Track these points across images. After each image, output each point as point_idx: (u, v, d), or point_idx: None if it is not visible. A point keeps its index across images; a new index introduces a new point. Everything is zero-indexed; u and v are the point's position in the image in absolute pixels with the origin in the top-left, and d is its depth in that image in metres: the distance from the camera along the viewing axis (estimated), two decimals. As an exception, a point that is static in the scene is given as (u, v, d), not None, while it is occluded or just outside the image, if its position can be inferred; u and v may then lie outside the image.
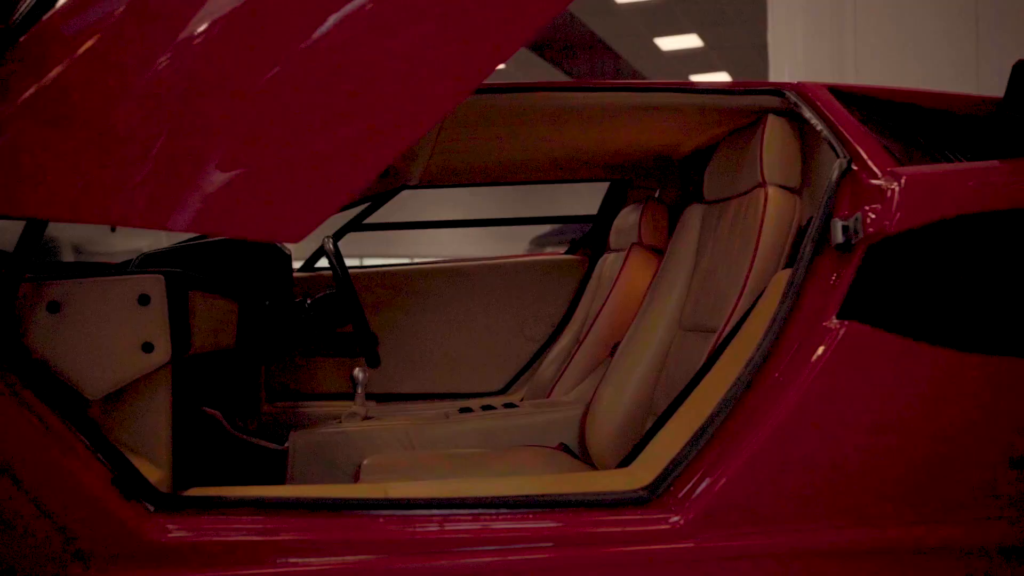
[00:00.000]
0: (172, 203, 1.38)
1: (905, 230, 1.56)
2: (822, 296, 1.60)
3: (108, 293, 1.60)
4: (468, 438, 2.42)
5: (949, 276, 1.57)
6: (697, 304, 2.17)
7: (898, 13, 4.49)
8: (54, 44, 1.42)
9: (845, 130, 1.79)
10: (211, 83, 1.40)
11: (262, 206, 1.41)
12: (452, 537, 1.50)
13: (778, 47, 4.99)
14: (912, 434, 1.55)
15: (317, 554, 1.48)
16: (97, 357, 1.58)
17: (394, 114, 1.42)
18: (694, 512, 1.52)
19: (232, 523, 1.49)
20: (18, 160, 1.40)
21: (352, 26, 1.39)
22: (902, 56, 4.43)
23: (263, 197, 1.41)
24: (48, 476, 1.41)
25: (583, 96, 2.09)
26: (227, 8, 1.41)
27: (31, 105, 1.40)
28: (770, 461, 1.53)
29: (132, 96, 1.39)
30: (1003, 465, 1.54)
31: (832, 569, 1.53)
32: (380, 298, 3.14)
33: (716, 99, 2.07)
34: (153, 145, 1.38)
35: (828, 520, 1.53)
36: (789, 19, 4.89)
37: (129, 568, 1.42)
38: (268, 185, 1.40)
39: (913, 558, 1.55)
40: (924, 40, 4.40)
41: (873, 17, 4.52)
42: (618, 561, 1.51)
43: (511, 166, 2.93)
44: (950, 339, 1.54)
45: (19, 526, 1.39)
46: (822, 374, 1.53)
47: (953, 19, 4.38)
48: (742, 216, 2.05)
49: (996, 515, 1.56)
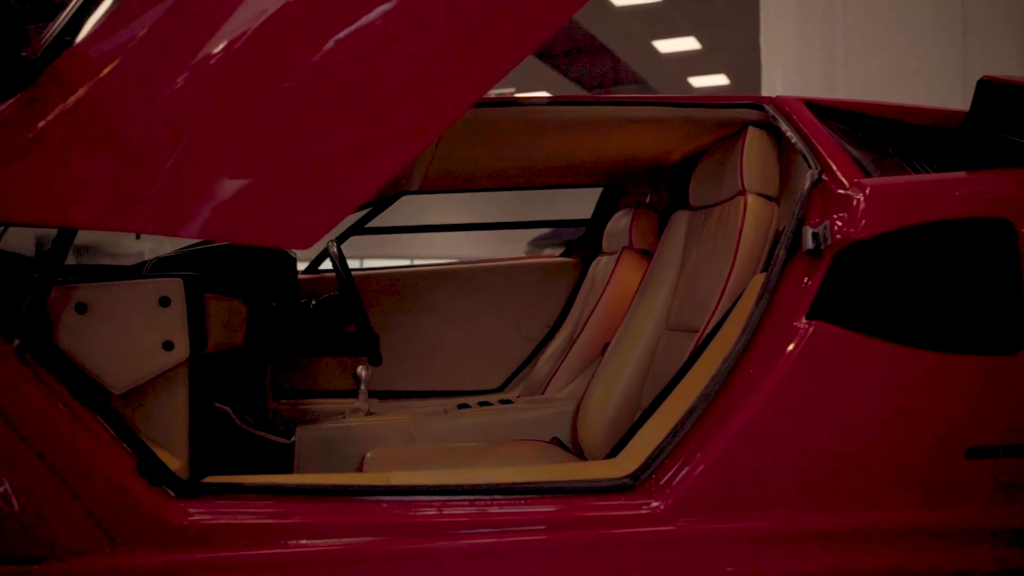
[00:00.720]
0: (188, 212, 1.49)
1: (869, 237, 1.68)
2: (794, 298, 1.72)
3: (131, 295, 1.72)
4: (466, 432, 2.54)
5: (910, 280, 1.69)
6: (682, 305, 2.29)
7: (886, 19, 4.60)
8: (82, 66, 1.53)
9: (817, 143, 1.91)
10: (223, 99, 1.50)
11: (273, 214, 1.52)
12: (450, 521, 1.62)
13: (771, 51, 5.10)
14: (874, 426, 1.67)
15: (324, 536, 1.60)
16: (121, 354, 1.70)
17: (400, 125, 1.53)
18: (673, 498, 1.64)
19: (246, 507, 1.61)
20: (49, 173, 1.51)
21: (359, 40, 1.50)
22: (890, 60, 4.54)
23: (273, 205, 1.52)
24: (79, 464, 1.53)
25: (576, 109, 2.20)
26: (240, 31, 1.52)
27: (60, 122, 1.51)
28: (743, 451, 1.65)
29: (151, 113, 1.50)
30: (959, 454, 1.67)
31: (799, 551, 1.65)
32: (381, 299, 3.25)
33: (700, 112, 2.18)
34: (168, 158, 1.49)
35: (796, 506, 1.65)
36: (781, 25, 5.00)
37: (153, 548, 1.54)
38: (278, 194, 1.51)
39: (874, 540, 1.67)
40: (912, 45, 4.51)
41: (862, 24, 4.63)
42: (604, 543, 1.63)
43: (508, 173, 3.04)
44: (909, 338, 1.66)
45: (53, 510, 1.52)
46: (792, 370, 1.65)
47: (940, 26, 4.50)
48: (724, 222, 2.17)
49: (952, 501, 1.68)
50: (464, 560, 1.60)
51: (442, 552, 1.60)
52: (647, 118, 2.24)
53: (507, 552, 1.61)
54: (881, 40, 4.59)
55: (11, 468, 1.49)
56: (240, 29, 1.52)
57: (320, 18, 1.51)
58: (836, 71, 4.71)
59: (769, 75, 5.09)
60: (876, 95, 4.29)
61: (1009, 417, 1.67)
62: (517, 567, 1.61)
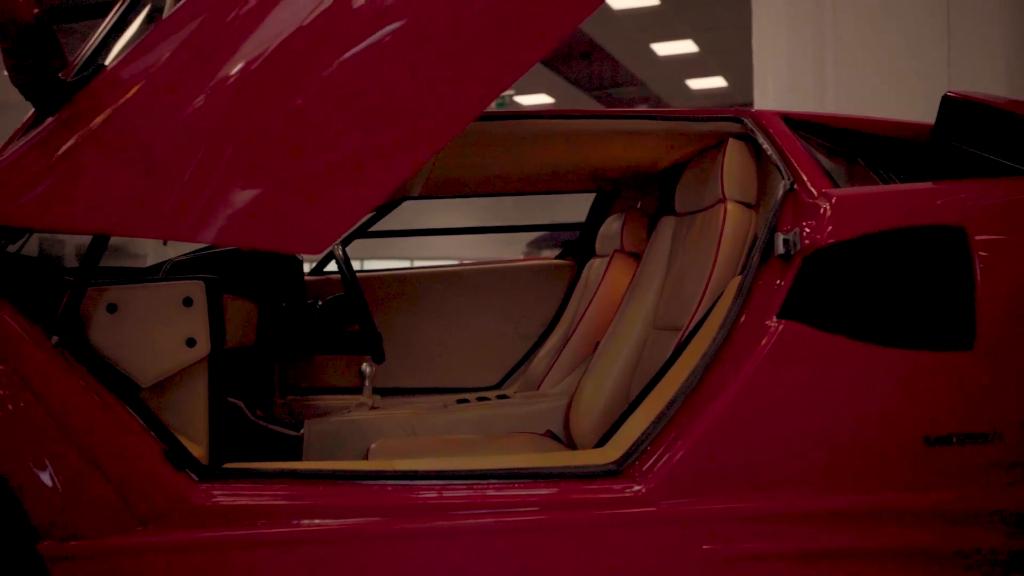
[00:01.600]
0: (206, 219, 1.63)
1: (834, 243, 1.83)
2: (766, 299, 1.87)
3: (158, 296, 1.87)
4: (465, 425, 2.68)
5: (872, 282, 1.84)
6: (668, 305, 2.44)
7: (874, 24, 4.73)
8: (112, 87, 1.67)
9: (791, 155, 2.06)
10: (238, 116, 1.63)
11: (286, 221, 1.66)
12: (450, 503, 1.76)
13: (762, 56, 5.23)
14: (839, 416, 1.81)
15: (334, 516, 1.74)
16: (148, 350, 1.84)
17: (405, 137, 1.66)
18: (655, 482, 1.79)
19: (263, 490, 1.75)
20: (82, 185, 1.65)
21: (367, 57, 1.62)
22: (878, 64, 4.67)
23: (287, 213, 1.65)
24: (111, 450, 1.68)
25: (567, 123, 2.34)
26: (256, 52, 1.65)
27: (92, 138, 1.64)
28: (718, 439, 1.80)
29: (172, 129, 1.63)
30: (917, 442, 1.81)
31: (770, 530, 1.79)
32: (385, 300, 3.37)
33: (684, 125, 2.32)
34: (188, 170, 1.63)
35: (767, 489, 1.80)
36: (772, 30, 5.13)
37: (180, 527, 1.69)
38: (291, 202, 1.65)
39: (840, 520, 1.81)
40: (899, 48, 4.65)
41: (850, 30, 4.76)
42: (591, 523, 1.78)
43: (505, 180, 3.18)
44: (871, 336, 1.81)
45: (88, 492, 1.66)
46: (763, 365, 1.80)
47: (926, 30, 4.63)
48: (706, 228, 2.32)
49: (912, 485, 1.82)
50: (462, 538, 1.75)
51: (442, 531, 1.75)
52: (635, 130, 2.38)
53: (502, 531, 1.76)
54: (869, 44, 4.72)
55: (51, 454, 1.64)
56: (256, 51, 1.65)
57: (331, 38, 1.64)
58: (826, 75, 4.84)
59: (761, 79, 5.22)
60: (864, 98, 4.45)
61: (963, 407, 1.82)
62: (511, 545, 1.75)
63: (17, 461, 1.63)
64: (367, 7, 1.67)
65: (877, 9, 4.73)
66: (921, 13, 4.61)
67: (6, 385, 1.64)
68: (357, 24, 1.66)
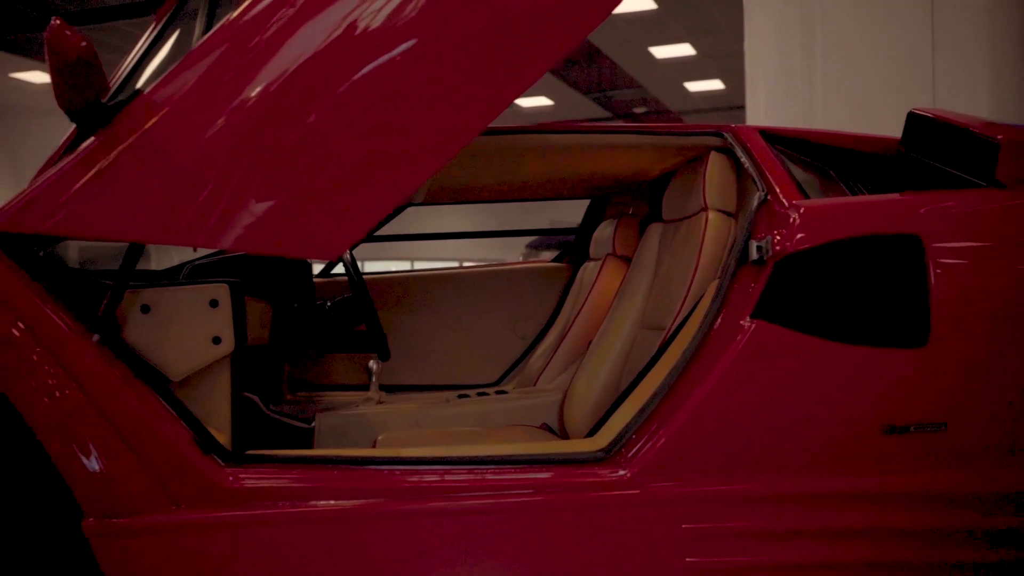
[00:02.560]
0: (229, 227, 1.80)
1: (803, 249, 2.00)
2: (741, 301, 2.04)
3: (187, 298, 2.04)
4: (466, 419, 2.86)
5: (837, 285, 2.01)
6: (655, 306, 2.61)
7: (861, 30, 4.90)
8: (146, 109, 1.84)
9: (766, 168, 2.23)
10: (259, 132, 1.79)
11: (303, 229, 1.83)
12: (451, 486, 1.94)
13: (754, 61, 5.39)
14: (805, 407, 1.99)
15: (346, 498, 1.92)
16: (178, 347, 2.02)
17: (415, 150, 1.82)
18: (639, 467, 1.97)
19: (282, 474, 1.93)
20: (118, 197, 1.81)
21: (381, 74, 1.78)
22: (865, 68, 4.83)
23: (304, 222, 1.82)
24: (147, 437, 1.85)
25: (564, 137, 2.50)
26: (276, 73, 1.82)
27: (127, 155, 1.81)
28: (696, 428, 1.98)
29: (198, 146, 1.79)
30: (876, 431, 1.99)
31: (741, 511, 1.97)
32: (390, 301, 3.54)
33: (669, 139, 2.50)
34: (212, 182, 1.79)
35: (740, 473, 1.97)
36: (763, 35, 5.29)
37: (207, 507, 1.87)
38: (308, 212, 1.82)
39: (805, 503, 1.99)
40: (885, 54, 4.82)
41: (838, 36, 4.93)
42: (580, 503, 1.95)
43: (503, 187, 3.35)
44: (835, 334, 1.98)
45: (126, 474, 1.84)
46: (737, 361, 1.98)
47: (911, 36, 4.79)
48: (689, 234, 2.50)
49: (871, 471, 2.00)
50: (463, 517, 1.92)
51: (444, 511, 1.92)
52: (626, 144, 2.56)
53: (500, 511, 1.93)
54: (857, 49, 4.88)
55: (93, 439, 1.82)
56: (274, 74, 1.81)
57: (343, 59, 1.79)
58: (815, 79, 5.01)
59: (752, 83, 5.38)
60: (852, 101, 4.61)
61: (918, 399, 1.99)
62: (508, 523, 1.93)
63: (63, 446, 1.81)
64: (378, 30, 1.81)
65: (864, 17, 4.90)
66: (906, 18, 4.78)
67: (53, 376, 1.82)
68: (368, 45, 1.80)
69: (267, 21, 1.84)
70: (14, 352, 1.82)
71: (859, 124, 4.64)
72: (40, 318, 1.85)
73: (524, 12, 1.84)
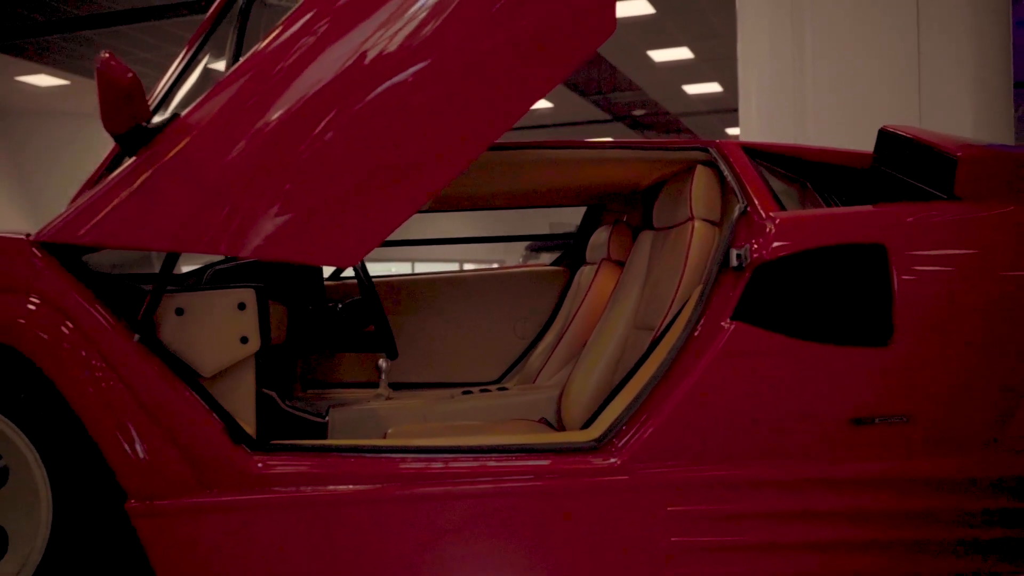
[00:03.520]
0: (252, 236, 2.00)
1: (778, 257, 2.20)
2: (722, 304, 2.24)
3: (217, 301, 2.23)
4: (469, 414, 3.04)
5: (809, 290, 2.21)
6: (646, 308, 2.80)
7: (848, 37, 5.08)
8: (181, 131, 2.03)
9: (746, 181, 2.43)
10: (281, 150, 1.98)
11: (323, 238, 2.02)
12: (456, 472, 2.14)
13: (746, 66, 5.56)
14: (780, 400, 2.18)
15: (359, 483, 2.11)
16: (209, 346, 2.21)
17: (429, 162, 1.99)
18: (628, 455, 2.16)
19: (303, 461, 2.12)
20: (152, 209, 2.01)
21: (394, 94, 1.96)
22: (852, 73, 5.01)
23: (323, 231, 2.01)
24: (183, 427, 2.05)
25: (560, 152, 2.69)
26: (296, 97, 2.00)
27: (161, 172, 2.01)
28: (680, 420, 2.17)
29: (224, 163, 1.98)
30: (845, 422, 2.18)
31: (721, 494, 2.16)
32: (397, 303, 3.70)
33: (660, 154, 2.69)
34: (235, 196, 1.97)
35: (720, 460, 2.17)
36: (755, 40, 5.46)
37: (237, 490, 2.07)
38: (327, 223, 2.00)
39: (779, 487, 2.18)
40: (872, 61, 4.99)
41: (826, 42, 5.10)
42: (575, 488, 2.15)
43: (503, 195, 3.52)
44: (808, 333, 2.17)
45: (165, 460, 2.04)
46: (718, 359, 2.17)
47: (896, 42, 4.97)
48: (677, 242, 2.69)
49: (840, 458, 2.19)
50: (467, 501, 2.12)
51: (450, 495, 2.12)
52: (617, 158, 2.75)
53: (501, 495, 2.13)
54: (846, 55, 5.06)
55: (136, 428, 2.02)
56: (295, 97, 2.00)
57: (360, 83, 1.98)
58: (806, 85, 5.18)
59: (745, 88, 5.55)
60: (840, 105, 4.78)
61: (882, 393, 2.19)
62: (508, 506, 2.13)
63: (109, 434, 2.01)
64: (393, 53, 1.99)
65: (853, 24, 5.07)
66: (893, 26, 4.95)
67: (100, 370, 2.02)
68: (383, 66, 1.98)
69: (289, 50, 2.03)
70: (64, 348, 2.02)
71: (848, 128, 4.84)
72: (86, 318, 2.05)
73: (529, 35, 2.02)
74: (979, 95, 4.85)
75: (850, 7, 5.08)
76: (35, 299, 2.06)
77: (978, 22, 4.88)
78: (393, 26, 2.02)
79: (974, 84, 4.84)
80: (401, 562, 2.10)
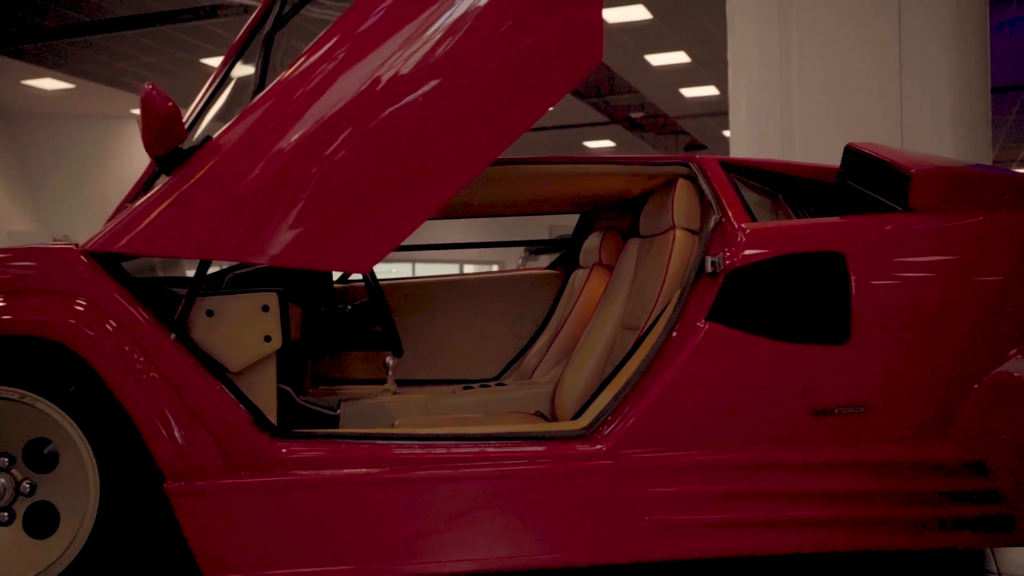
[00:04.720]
0: (273, 245, 2.23)
1: (748, 264, 2.44)
2: (698, 306, 2.48)
3: (244, 304, 2.46)
4: (470, 407, 3.27)
5: (776, 293, 2.45)
6: (632, 310, 3.04)
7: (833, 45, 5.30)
8: (212, 151, 2.27)
9: (722, 194, 2.67)
10: (299, 166, 2.20)
11: (338, 246, 2.25)
12: (458, 456, 2.37)
13: (736, 71, 5.77)
14: (750, 393, 2.41)
15: (370, 466, 2.34)
16: (237, 344, 2.44)
17: (439, 175, 2.20)
18: (612, 442, 2.40)
19: (321, 447, 2.36)
20: (184, 222, 2.24)
21: (406, 112, 2.17)
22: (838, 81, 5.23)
23: (338, 240, 2.23)
24: (214, 415, 2.30)
25: (553, 167, 2.92)
26: (315, 118, 2.23)
27: (193, 189, 2.24)
28: (660, 410, 2.40)
29: (247, 178, 2.22)
30: (808, 413, 2.42)
31: (698, 477, 2.40)
32: (402, 305, 3.92)
33: (645, 168, 2.92)
34: (257, 208, 2.20)
35: (696, 446, 2.40)
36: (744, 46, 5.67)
37: (261, 473, 2.31)
38: (342, 231, 2.22)
39: (751, 470, 2.42)
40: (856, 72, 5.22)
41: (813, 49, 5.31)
42: (565, 472, 2.39)
43: (501, 204, 3.74)
44: (775, 333, 2.41)
45: (199, 446, 2.29)
46: (693, 356, 2.41)
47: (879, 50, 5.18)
48: (660, 249, 2.92)
49: (804, 444, 2.43)
50: (468, 482, 2.36)
51: (453, 477, 2.36)
52: (606, 172, 2.99)
53: (499, 477, 2.37)
54: (829, 63, 5.27)
55: (173, 416, 2.27)
56: (314, 118, 2.24)
57: (374, 102, 2.18)
58: (792, 93, 5.40)
59: (735, 95, 5.77)
60: (826, 113, 4.99)
61: (841, 387, 2.42)
62: (505, 487, 2.37)
63: (149, 421, 2.25)
64: (406, 75, 2.20)
65: (837, 33, 5.28)
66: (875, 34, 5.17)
67: (141, 364, 2.27)
68: (396, 86, 2.19)
69: (310, 76, 2.27)
70: (110, 344, 2.26)
71: (834, 134, 5.07)
72: (128, 318, 2.30)
73: (527, 57, 2.23)
74: (956, 103, 5.08)
75: (836, 18, 5.31)
76: (83, 301, 2.31)
77: (957, 32, 5.11)
78: (409, 48, 2.22)
79: (952, 91, 5.07)
80: (408, 537, 2.34)
